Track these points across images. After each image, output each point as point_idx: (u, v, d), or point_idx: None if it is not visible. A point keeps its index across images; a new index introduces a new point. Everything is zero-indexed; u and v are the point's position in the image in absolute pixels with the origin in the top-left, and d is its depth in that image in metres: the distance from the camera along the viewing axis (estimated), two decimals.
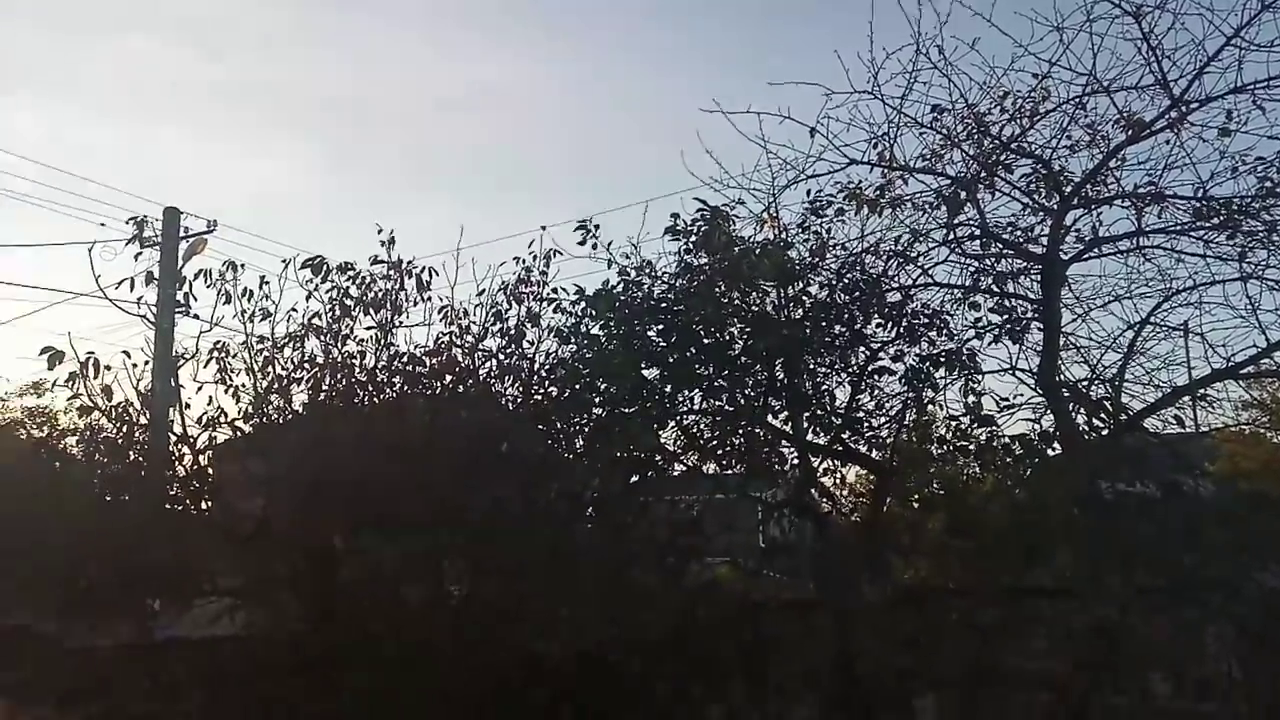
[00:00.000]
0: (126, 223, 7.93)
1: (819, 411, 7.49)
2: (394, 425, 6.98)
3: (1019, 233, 7.44)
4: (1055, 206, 7.13)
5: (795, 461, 7.60)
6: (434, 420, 7.09)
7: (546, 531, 6.53)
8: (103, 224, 9.28)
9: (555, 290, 7.80)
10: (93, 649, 6.52)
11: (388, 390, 7.54)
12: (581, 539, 7.18)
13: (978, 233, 7.44)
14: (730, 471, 7.75)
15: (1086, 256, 7.18)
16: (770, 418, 7.59)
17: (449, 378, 7.52)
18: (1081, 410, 6.73)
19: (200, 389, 7.45)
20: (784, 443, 7.63)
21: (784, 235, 7.75)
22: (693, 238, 7.64)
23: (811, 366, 7.58)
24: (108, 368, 7.03)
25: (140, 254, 7.93)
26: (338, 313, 7.56)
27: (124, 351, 7.12)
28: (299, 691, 5.96)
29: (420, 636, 6.06)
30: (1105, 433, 6.61)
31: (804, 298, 7.66)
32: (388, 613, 6.29)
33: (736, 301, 7.52)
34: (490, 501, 6.44)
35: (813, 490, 7.59)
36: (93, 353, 6.97)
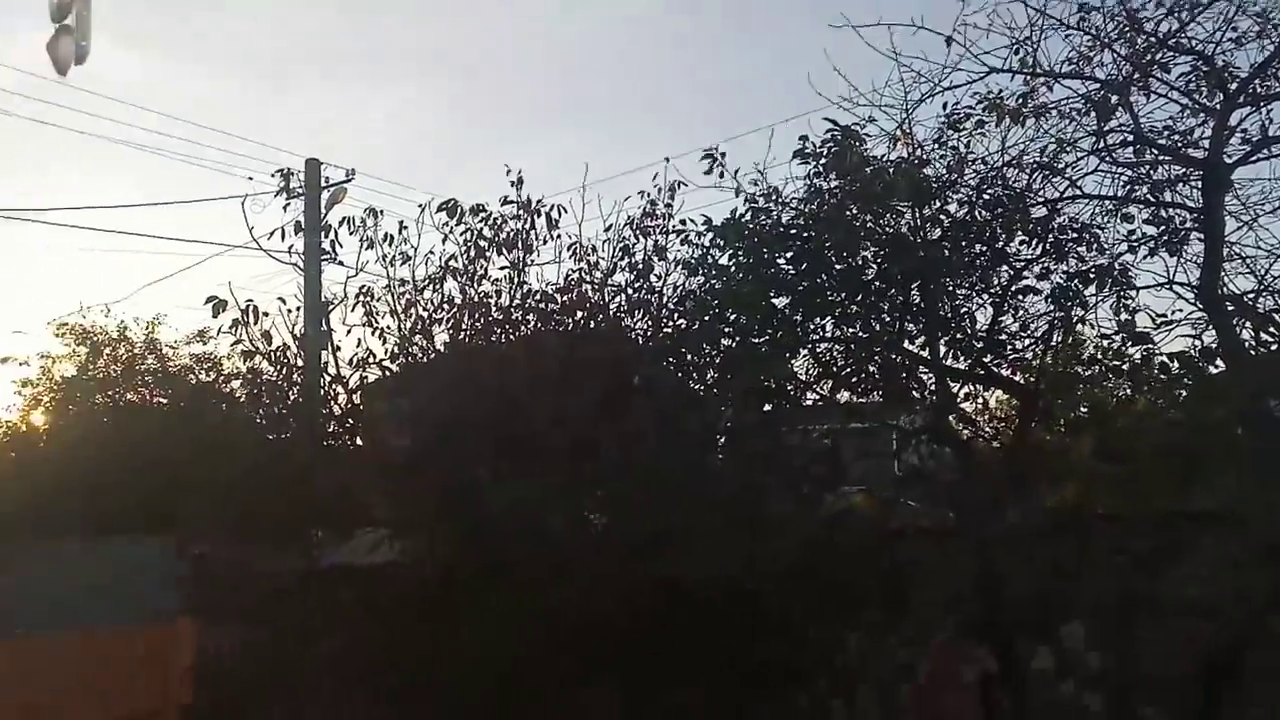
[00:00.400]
0: (272, 176, 8.34)
1: (958, 335, 7.25)
2: (530, 362, 7.17)
3: (1177, 137, 6.88)
4: (1218, 106, 6.55)
5: (933, 387, 7.40)
6: (567, 356, 7.24)
7: (680, 463, 6.60)
8: (250, 178, 9.73)
9: (682, 222, 7.78)
10: (266, 575, 7.07)
11: (522, 328, 7.74)
12: (715, 469, 7.24)
13: (1131, 139, 6.93)
14: (865, 399, 7.62)
15: (1254, 158, 6.59)
16: (906, 343, 7.40)
17: (580, 314, 7.65)
18: (1247, 324, 6.26)
19: (349, 332, 7.84)
20: (921, 368, 7.44)
21: (919, 152, 7.43)
22: (822, 160, 7.42)
23: (950, 288, 7.32)
24: (265, 314, 7.48)
25: (288, 205, 8.37)
26: (472, 254, 7.77)
27: (279, 298, 7.57)
28: (448, 616, 6.30)
29: (561, 566, 6.27)
30: (1274, 348, 6.14)
31: (941, 217, 7.36)
32: (530, 543, 6.52)
33: (869, 224, 7.30)
34: (624, 434, 6.55)
35: (951, 417, 7.38)
36: (251, 300, 7.41)
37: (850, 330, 7.46)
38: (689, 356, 7.62)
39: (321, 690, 7.16)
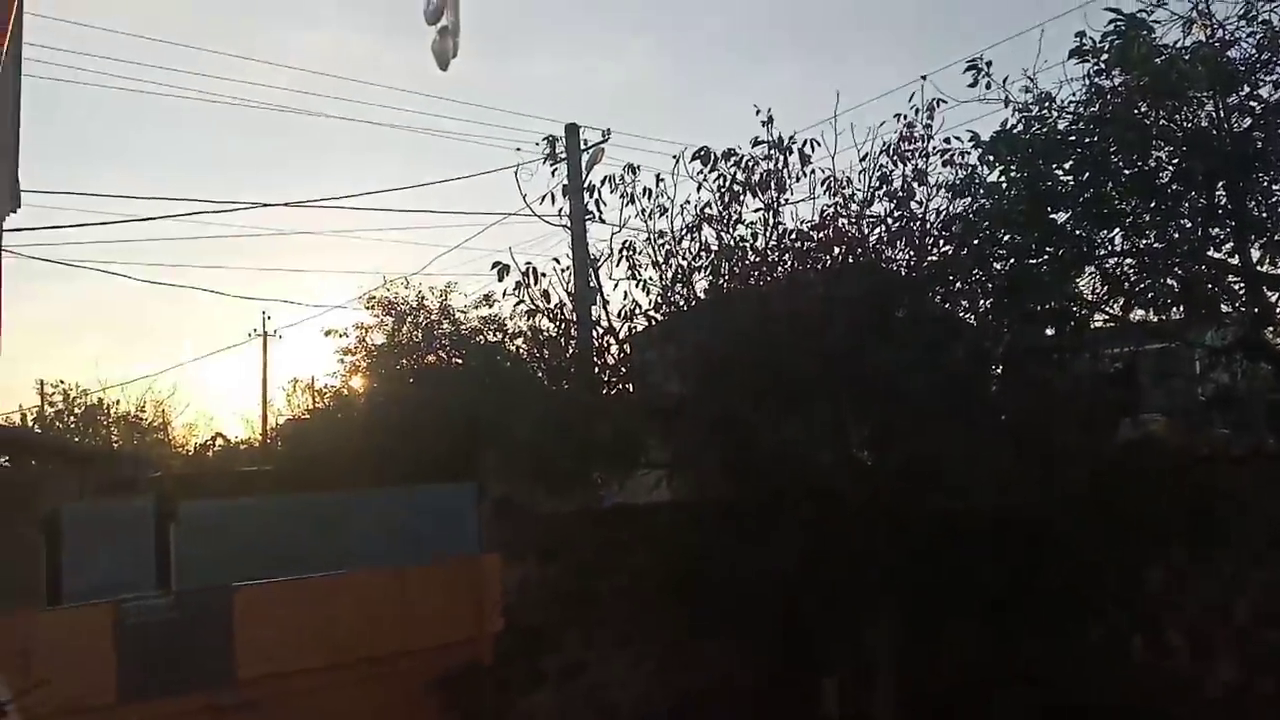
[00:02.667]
0: (536, 144, 8.83)
1: (1276, 236, 6.41)
2: (788, 301, 7.14)
3: None
4: None
5: (1245, 298, 6.60)
6: (826, 292, 7.13)
7: (947, 394, 6.34)
8: (518, 149, 10.39)
9: (946, 140, 7.36)
10: (556, 514, 7.60)
11: (779, 269, 7.70)
12: (989, 400, 6.88)
13: None
14: (1164, 317, 6.93)
15: None
16: (1211, 250, 6.66)
17: (837, 249, 7.48)
18: None
19: (616, 286, 8.17)
20: (1230, 278, 6.65)
21: (1220, 34, 6.57)
22: (1104, 55, 6.76)
23: (1265, 184, 6.48)
24: (543, 275, 7.96)
25: (555, 169, 8.83)
26: (726, 199, 7.80)
27: (554, 259, 8.02)
28: (724, 549, 6.48)
29: (831, 501, 6.25)
30: None
31: (1251, 104, 6.52)
32: (801, 479, 6.55)
33: (1162, 121, 6.61)
34: (887, 369, 6.38)
35: (1269, 329, 6.55)
36: (530, 262, 7.93)
37: (1144, 241, 6.84)
38: (956, 284, 7.25)
39: (612, 619, 7.61)
